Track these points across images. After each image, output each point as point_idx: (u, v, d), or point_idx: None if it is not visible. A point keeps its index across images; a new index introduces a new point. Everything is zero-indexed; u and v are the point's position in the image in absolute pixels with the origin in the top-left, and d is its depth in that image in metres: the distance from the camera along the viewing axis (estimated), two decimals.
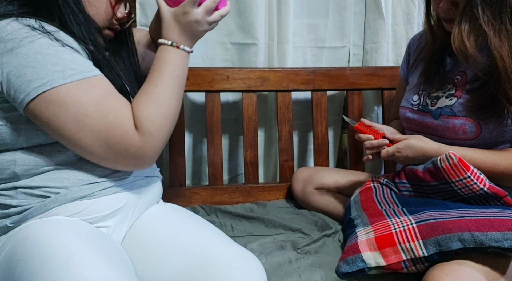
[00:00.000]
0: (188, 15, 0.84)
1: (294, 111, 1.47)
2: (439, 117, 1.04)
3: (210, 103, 1.39)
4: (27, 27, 0.75)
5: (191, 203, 1.39)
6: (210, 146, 1.40)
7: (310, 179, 1.33)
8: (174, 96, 0.84)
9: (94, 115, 0.76)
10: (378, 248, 0.90)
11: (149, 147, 0.80)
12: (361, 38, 1.57)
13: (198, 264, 0.79)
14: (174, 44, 0.86)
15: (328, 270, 0.94)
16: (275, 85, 1.43)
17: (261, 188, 1.45)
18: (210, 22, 0.87)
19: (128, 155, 0.80)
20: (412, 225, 0.90)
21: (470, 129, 0.99)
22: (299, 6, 1.51)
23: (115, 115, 0.78)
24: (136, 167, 0.84)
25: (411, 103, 1.13)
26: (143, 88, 0.84)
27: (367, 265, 0.90)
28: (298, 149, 1.61)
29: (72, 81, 0.75)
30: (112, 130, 0.77)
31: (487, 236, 0.81)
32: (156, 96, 0.82)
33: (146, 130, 0.79)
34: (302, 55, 1.56)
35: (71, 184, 0.81)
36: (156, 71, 0.84)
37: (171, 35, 0.86)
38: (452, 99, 1.03)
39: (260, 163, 1.52)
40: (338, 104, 1.60)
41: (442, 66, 1.10)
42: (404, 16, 1.53)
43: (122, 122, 0.78)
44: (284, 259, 1.00)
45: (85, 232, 0.78)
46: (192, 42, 0.88)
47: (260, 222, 1.24)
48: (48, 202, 0.80)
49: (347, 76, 1.46)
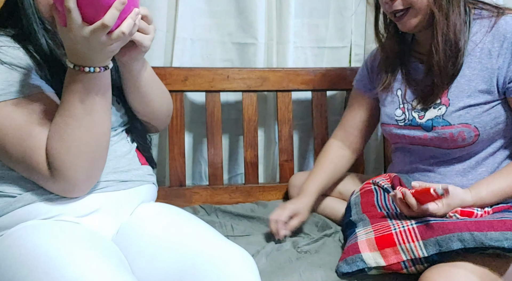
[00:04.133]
0: (77, 38, 0.70)
1: (294, 111, 1.47)
2: (431, 129, 1.02)
3: (210, 103, 1.39)
4: None
5: (191, 203, 1.39)
6: (210, 146, 1.40)
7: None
8: (79, 128, 0.76)
9: (12, 139, 0.76)
10: (378, 248, 0.90)
11: (61, 181, 0.78)
12: (362, 38, 1.57)
13: (190, 261, 0.79)
14: (77, 68, 0.75)
15: (329, 269, 0.94)
16: (275, 85, 1.43)
17: (261, 188, 1.44)
18: (113, 40, 0.71)
19: (46, 183, 0.80)
20: (412, 225, 0.90)
21: (469, 134, 0.98)
22: (300, 6, 1.51)
23: (30, 143, 0.77)
24: (61, 194, 0.81)
25: (394, 119, 1.09)
26: (53, 118, 0.78)
27: (367, 265, 0.90)
28: (298, 149, 1.61)
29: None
30: (26, 158, 0.77)
31: (486, 235, 0.81)
32: (58, 129, 0.76)
33: (53, 165, 0.76)
34: (303, 55, 1.56)
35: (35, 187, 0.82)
36: (62, 100, 0.77)
37: (72, 58, 0.74)
38: (441, 108, 1.01)
39: (260, 163, 1.52)
40: (339, 104, 1.60)
41: (414, 75, 1.08)
42: None
43: (35, 152, 0.77)
44: (285, 259, 1.00)
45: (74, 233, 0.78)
46: (100, 61, 0.75)
47: (260, 222, 1.24)
48: (13, 201, 0.80)
49: (348, 76, 1.46)
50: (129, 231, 0.88)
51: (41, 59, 0.83)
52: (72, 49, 0.73)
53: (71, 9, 0.67)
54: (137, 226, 0.88)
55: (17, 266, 0.72)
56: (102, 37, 0.70)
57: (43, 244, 0.74)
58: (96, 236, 0.81)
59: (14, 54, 0.80)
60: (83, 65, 0.74)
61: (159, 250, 0.83)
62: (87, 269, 0.69)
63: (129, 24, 0.71)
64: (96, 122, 0.78)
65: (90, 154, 0.79)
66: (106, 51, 0.73)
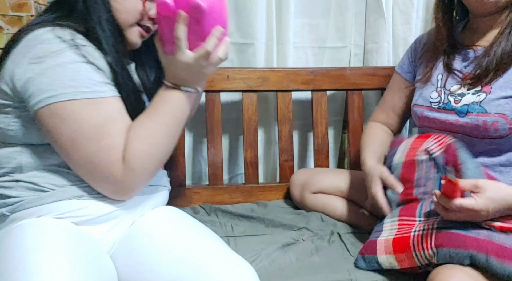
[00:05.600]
0: (181, 63, 0.81)
1: (294, 111, 1.47)
2: (465, 115, 1.00)
3: (210, 103, 1.39)
4: (58, 39, 0.78)
5: (191, 203, 1.39)
6: (210, 146, 1.40)
7: (307, 183, 1.32)
8: (167, 136, 0.84)
9: (89, 136, 0.78)
10: (394, 251, 0.91)
11: (129, 181, 0.81)
12: (361, 38, 1.57)
13: (191, 273, 0.78)
14: (174, 86, 0.84)
15: (329, 272, 0.94)
16: (275, 85, 1.43)
17: (261, 188, 1.44)
18: (211, 64, 0.83)
19: (106, 183, 0.82)
20: (433, 230, 0.88)
21: (503, 126, 0.95)
22: (300, 6, 1.51)
23: (108, 142, 0.79)
24: (113, 195, 0.84)
25: (429, 101, 1.08)
26: (141, 119, 0.84)
27: (382, 267, 0.93)
28: (298, 149, 1.61)
29: (82, 98, 0.77)
30: (100, 155, 0.79)
31: (502, 266, 0.79)
32: (148, 132, 0.82)
33: (131, 164, 0.80)
34: (303, 55, 1.56)
35: (69, 183, 0.84)
36: (155, 107, 0.84)
37: (171, 79, 0.85)
38: (480, 95, 0.99)
39: (260, 163, 1.52)
40: (339, 104, 1.60)
41: (458, 63, 1.07)
42: (402, 16, 1.53)
43: (112, 150, 0.79)
44: (285, 260, 1.00)
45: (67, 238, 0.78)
46: (197, 83, 0.86)
47: (260, 222, 1.24)
48: (45, 196, 0.82)
49: (347, 76, 1.46)
50: (130, 239, 0.88)
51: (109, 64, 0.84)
52: (173, 72, 0.83)
53: (181, 39, 0.78)
54: (140, 234, 0.88)
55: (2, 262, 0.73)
56: (203, 62, 0.80)
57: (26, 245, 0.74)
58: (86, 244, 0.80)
59: (96, 56, 0.82)
60: (180, 85, 0.84)
61: (159, 262, 0.82)
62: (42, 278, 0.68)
63: (224, 50, 0.82)
64: (178, 133, 0.87)
65: (162, 162, 0.86)
66: (203, 74, 0.84)
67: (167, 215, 0.94)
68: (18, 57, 0.79)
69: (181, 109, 0.85)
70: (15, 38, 0.82)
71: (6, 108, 0.83)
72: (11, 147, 0.85)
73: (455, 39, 1.10)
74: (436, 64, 1.11)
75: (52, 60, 0.77)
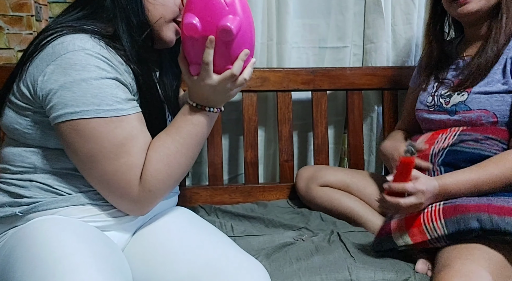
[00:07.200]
0: (206, 85, 0.81)
1: (294, 111, 1.47)
2: (455, 113, 1.10)
3: None
4: (83, 51, 0.76)
5: (191, 203, 1.39)
6: (210, 146, 1.40)
7: (314, 176, 1.33)
8: (187, 158, 0.84)
9: (108, 154, 0.77)
10: (406, 228, 0.97)
11: (144, 201, 0.82)
12: (360, 38, 1.57)
13: (203, 273, 0.78)
14: (199, 107, 0.84)
15: (328, 272, 0.94)
16: (275, 85, 1.43)
17: (261, 188, 1.44)
18: (236, 86, 0.84)
19: (121, 200, 0.82)
20: (440, 206, 0.95)
21: (487, 119, 1.05)
22: (300, 6, 1.51)
23: (127, 161, 0.78)
24: (127, 211, 0.84)
25: (426, 105, 1.19)
26: (163, 138, 0.83)
27: (397, 245, 0.98)
28: (298, 149, 1.61)
29: (105, 116, 0.76)
30: (117, 174, 0.79)
31: (504, 220, 0.86)
32: (169, 153, 0.81)
33: (148, 185, 0.80)
34: (303, 55, 1.56)
35: (85, 189, 0.83)
36: (178, 127, 0.84)
37: (195, 99, 0.84)
38: (463, 95, 1.09)
39: (260, 163, 1.52)
40: (339, 104, 1.60)
41: (450, 73, 1.17)
42: (404, 16, 1.53)
43: (130, 170, 0.79)
44: (285, 260, 1.00)
45: (86, 234, 0.79)
46: (221, 103, 0.86)
47: (260, 222, 1.24)
48: (60, 200, 0.81)
49: (347, 76, 1.46)
50: (142, 238, 0.89)
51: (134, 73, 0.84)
52: (197, 93, 0.83)
53: (209, 63, 0.78)
54: (151, 234, 0.89)
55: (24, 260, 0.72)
56: (229, 85, 0.81)
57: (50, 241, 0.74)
58: (105, 241, 0.81)
59: (122, 70, 0.81)
60: (205, 106, 0.83)
61: (171, 261, 0.82)
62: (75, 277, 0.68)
63: (249, 72, 0.84)
64: (197, 154, 0.86)
65: (179, 181, 0.86)
66: (227, 95, 0.84)
67: (178, 215, 0.95)
68: (42, 64, 0.77)
69: (203, 129, 0.85)
70: (42, 42, 0.79)
71: (26, 111, 0.81)
72: (26, 147, 0.84)
73: (446, 53, 1.19)
74: (431, 76, 1.21)
75: (77, 74, 0.75)
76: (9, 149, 0.85)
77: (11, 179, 0.84)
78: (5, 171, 0.85)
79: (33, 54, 0.79)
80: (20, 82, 0.80)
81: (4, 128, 0.86)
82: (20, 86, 0.80)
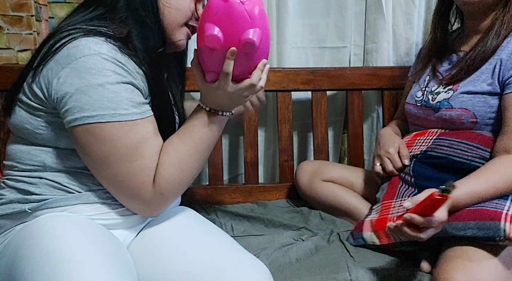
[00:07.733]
0: (223, 93, 0.81)
1: (294, 111, 1.47)
2: (438, 110, 1.09)
3: None
4: (99, 56, 0.76)
5: (191, 203, 1.38)
6: None
7: (317, 171, 1.34)
8: (198, 161, 0.85)
9: (122, 157, 0.78)
10: (375, 230, 1.04)
11: (156, 203, 0.82)
12: (361, 38, 1.57)
13: (205, 271, 0.78)
14: (212, 111, 0.84)
15: (328, 272, 0.94)
16: (275, 85, 1.43)
17: (261, 188, 1.44)
18: (252, 93, 0.84)
19: (133, 202, 0.82)
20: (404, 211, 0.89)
21: (467, 120, 1.04)
22: (300, 6, 1.51)
23: (140, 163, 0.79)
24: (138, 212, 0.85)
25: (415, 99, 1.19)
26: (175, 142, 0.83)
27: (366, 243, 1.04)
28: (298, 149, 1.61)
29: (120, 120, 0.77)
30: (130, 176, 0.79)
31: (451, 225, 0.88)
32: (181, 158, 0.82)
33: (160, 188, 0.81)
34: (303, 55, 1.56)
35: (94, 187, 0.84)
36: (191, 131, 0.84)
37: (209, 104, 0.84)
38: (448, 92, 1.09)
39: (260, 163, 1.52)
40: (339, 104, 1.60)
41: (444, 67, 1.15)
42: (404, 16, 1.53)
43: (143, 172, 0.79)
44: (285, 260, 1.00)
45: (93, 232, 0.79)
46: (234, 108, 0.87)
47: (260, 221, 1.25)
48: (70, 197, 0.82)
49: (347, 76, 1.46)
50: (145, 237, 0.89)
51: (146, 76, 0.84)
52: (212, 99, 0.83)
53: (229, 73, 0.77)
54: (154, 232, 0.89)
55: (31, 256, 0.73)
56: (245, 92, 0.82)
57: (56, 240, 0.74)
58: (111, 239, 0.82)
59: (135, 74, 0.81)
60: (217, 110, 0.84)
61: (174, 260, 0.82)
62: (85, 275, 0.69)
63: (264, 79, 0.83)
64: (208, 156, 0.87)
65: (189, 184, 0.86)
66: (242, 101, 0.85)
67: (182, 214, 0.95)
68: (57, 66, 0.77)
69: (216, 133, 0.86)
70: (56, 44, 0.78)
71: (38, 111, 0.81)
72: (35, 146, 0.84)
73: (447, 45, 1.18)
74: (428, 66, 1.20)
75: (93, 78, 0.75)
76: (16, 147, 0.85)
77: (19, 176, 0.84)
78: (12, 168, 0.85)
79: (47, 55, 0.79)
80: (33, 83, 0.80)
81: (12, 127, 0.86)
82: (33, 87, 0.80)
